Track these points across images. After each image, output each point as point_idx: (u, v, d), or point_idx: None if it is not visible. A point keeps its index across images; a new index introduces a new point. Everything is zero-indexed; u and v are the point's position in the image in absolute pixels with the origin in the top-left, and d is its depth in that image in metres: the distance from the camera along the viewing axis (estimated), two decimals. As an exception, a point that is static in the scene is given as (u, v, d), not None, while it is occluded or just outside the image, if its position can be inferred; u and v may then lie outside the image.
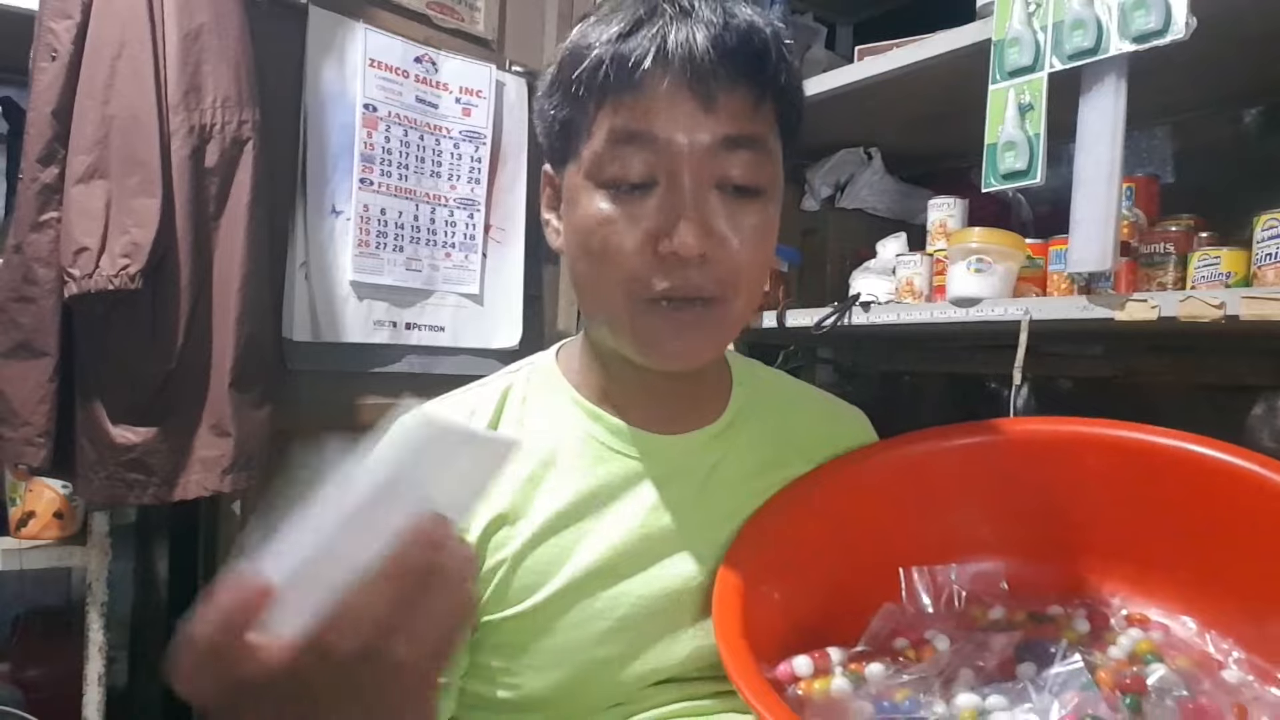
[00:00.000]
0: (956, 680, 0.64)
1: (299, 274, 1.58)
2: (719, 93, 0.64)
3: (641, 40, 0.64)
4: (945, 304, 1.30)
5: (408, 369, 1.73)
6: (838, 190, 1.80)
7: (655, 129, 0.64)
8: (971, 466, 0.80)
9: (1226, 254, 1.09)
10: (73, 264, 1.24)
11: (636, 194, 0.66)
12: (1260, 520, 0.66)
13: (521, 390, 0.80)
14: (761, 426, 0.81)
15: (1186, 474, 0.71)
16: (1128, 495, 0.75)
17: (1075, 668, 0.61)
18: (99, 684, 1.38)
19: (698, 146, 0.65)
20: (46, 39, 1.27)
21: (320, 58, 1.59)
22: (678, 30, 0.63)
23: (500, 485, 0.72)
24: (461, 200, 1.79)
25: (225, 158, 1.37)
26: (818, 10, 1.96)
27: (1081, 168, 1.08)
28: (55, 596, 1.74)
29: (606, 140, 0.66)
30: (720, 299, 0.68)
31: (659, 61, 0.63)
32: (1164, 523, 0.73)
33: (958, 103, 1.37)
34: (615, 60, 0.64)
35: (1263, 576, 0.65)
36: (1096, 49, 1.06)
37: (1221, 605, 0.66)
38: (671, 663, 0.71)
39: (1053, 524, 0.78)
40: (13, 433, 1.28)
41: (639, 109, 0.64)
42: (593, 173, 0.67)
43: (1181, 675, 0.60)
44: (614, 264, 0.67)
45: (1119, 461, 0.76)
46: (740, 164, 0.66)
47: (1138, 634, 0.67)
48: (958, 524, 0.79)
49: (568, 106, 0.68)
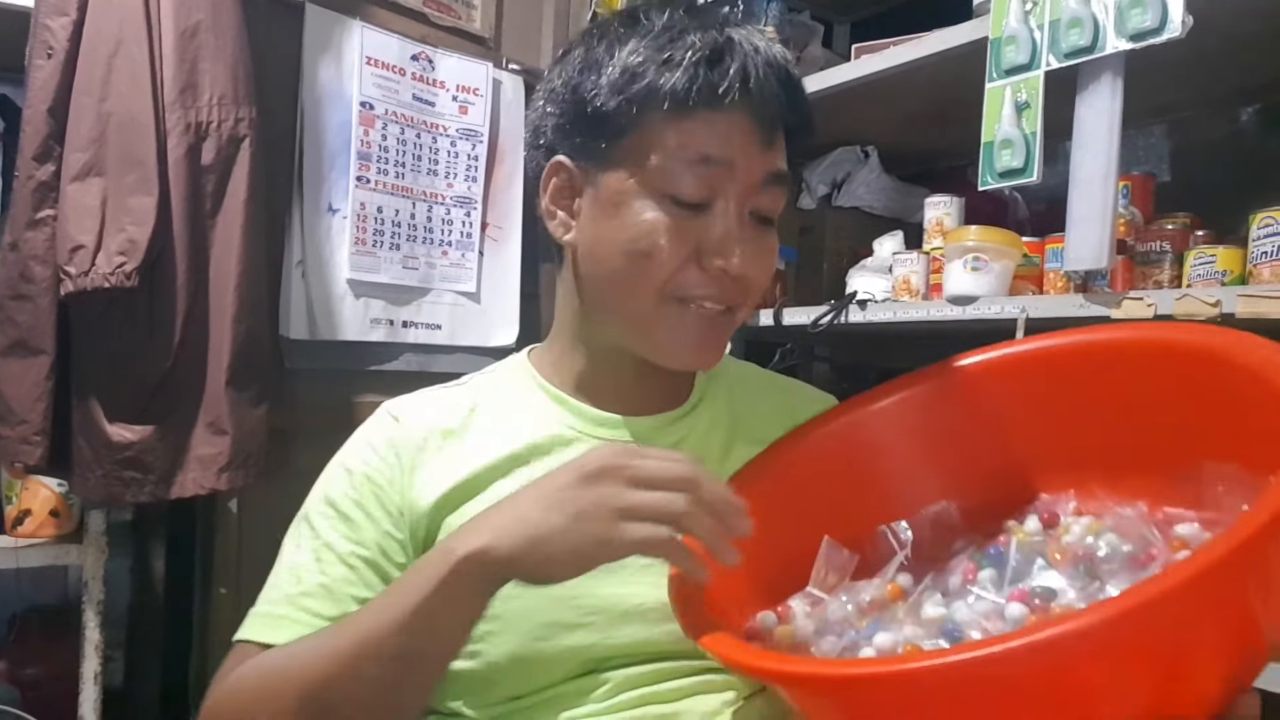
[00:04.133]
0: (923, 603, 0.64)
1: (296, 272, 1.58)
2: (776, 133, 0.73)
3: (729, 70, 0.69)
4: (942, 302, 1.31)
5: (404, 367, 1.73)
6: (834, 188, 1.81)
7: (727, 156, 0.70)
8: (899, 421, 0.82)
9: (1222, 252, 1.10)
10: (69, 262, 1.24)
11: (688, 209, 0.71)
12: (1177, 382, 0.67)
13: (493, 386, 0.84)
14: (723, 410, 0.85)
15: (1096, 365, 0.73)
16: (1049, 405, 0.76)
17: (1027, 554, 0.62)
18: (95, 682, 1.38)
19: (753, 179, 0.72)
20: (43, 36, 1.27)
21: (317, 55, 1.59)
22: (757, 68, 0.70)
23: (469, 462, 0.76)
24: (458, 198, 1.79)
25: (222, 155, 1.37)
26: (815, 8, 1.95)
27: (1078, 166, 1.09)
28: (52, 595, 1.74)
29: (678, 156, 0.70)
30: (735, 310, 0.76)
31: (744, 95, 0.69)
32: (1096, 418, 0.73)
33: (954, 101, 1.37)
34: (706, 84, 0.68)
35: (1192, 437, 0.65)
36: (1093, 47, 1.07)
37: (1170, 481, 0.66)
38: (634, 636, 0.71)
39: (992, 454, 0.79)
40: (9, 431, 1.27)
41: (715, 135, 0.70)
42: (652, 182, 0.71)
43: (1131, 539, 0.61)
44: (657, 267, 0.71)
45: (1031, 375, 0.78)
46: (773, 197, 0.75)
47: (1088, 519, 0.67)
48: (903, 479, 0.81)
49: (634, 112, 0.70)
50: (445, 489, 0.74)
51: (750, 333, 1.61)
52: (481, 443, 0.77)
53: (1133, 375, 0.71)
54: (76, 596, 1.42)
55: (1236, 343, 0.63)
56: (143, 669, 1.77)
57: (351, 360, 1.67)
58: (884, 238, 1.58)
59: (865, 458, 0.82)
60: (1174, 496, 0.64)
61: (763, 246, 0.75)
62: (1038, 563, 0.62)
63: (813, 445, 0.83)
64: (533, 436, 0.78)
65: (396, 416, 0.79)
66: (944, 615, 0.60)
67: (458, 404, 0.81)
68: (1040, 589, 0.59)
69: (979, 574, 0.65)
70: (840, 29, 2.09)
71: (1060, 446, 0.76)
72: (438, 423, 0.78)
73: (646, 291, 0.72)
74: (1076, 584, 0.59)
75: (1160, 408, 0.69)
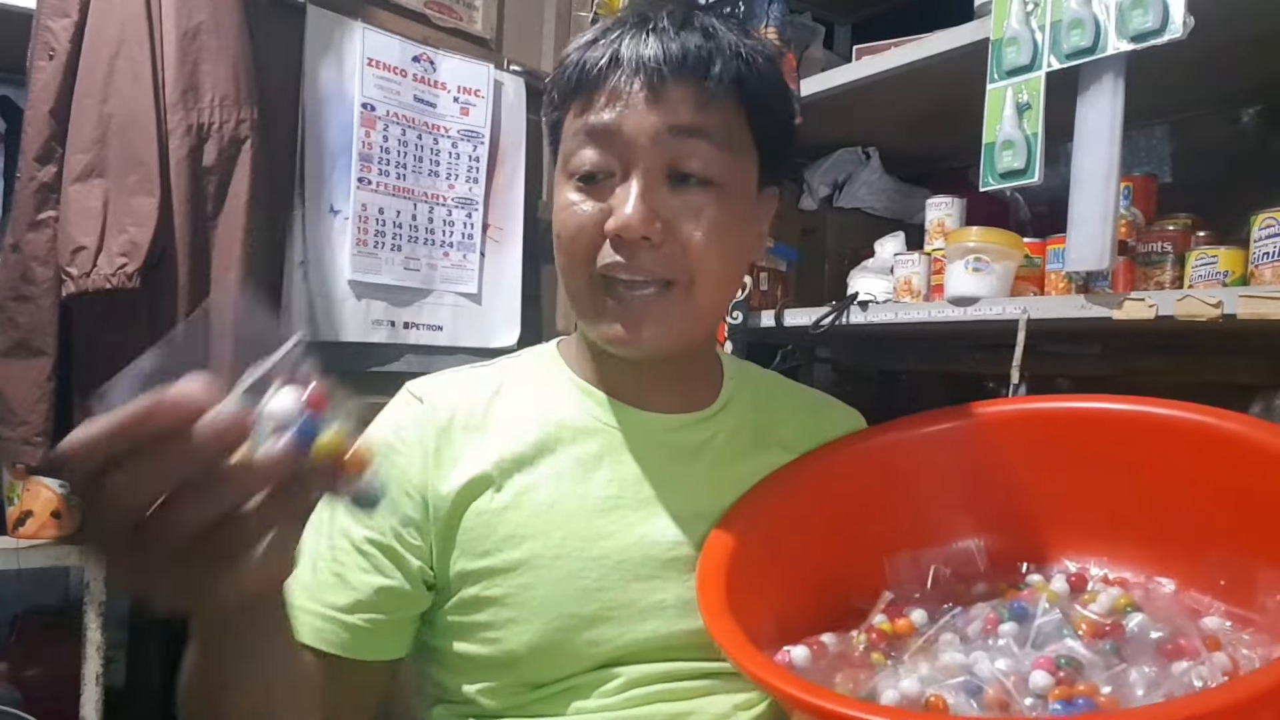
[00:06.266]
0: (939, 645, 0.64)
1: (297, 273, 1.58)
2: (667, 88, 0.70)
3: (600, 47, 0.72)
4: (943, 303, 1.30)
5: (406, 368, 1.73)
6: (836, 189, 1.81)
7: (609, 122, 0.70)
8: (939, 452, 0.82)
9: (1224, 253, 1.09)
10: (70, 263, 1.24)
11: (599, 184, 0.72)
12: (1224, 472, 0.67)
13: (521, 371, 0.84)
14: (749, 415, 0.85)
15: (1149, 437, 0.73)
16: (1095, 466, 0.76)
17: (1055, 619, 0.62)
18: (97, 683, 1.38)
19: (645, 134, 0.70)
20: (44, 38, 1.27)
21: (318, 57, 1.59)
22: (633, 38, 0.71)
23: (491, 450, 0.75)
24: (460, 199, 1.79)
25: (223, 157, 1.37)
26: (816, 10, 1.96)
27: (1079, 167, 1.09)
28: (53, 596, 1.74)
29: (573, 136, 0.73)
30: (676, 284, 0.71)
31: (613, 64, 0.71)
32: (1135, 488, 0.73)
33: (956, 102, 1.37)
34: (579, 66, 0.72)
35: (1235, 529, 0.65)
36: (1094, 48, 1.06)
37: (1198, 563, 0.66)
38: (654, 633, 0.72)
39: (1026, 499, 0.79)
40: (10, 432, 1.28)
41: (595, 105, 0.71)
42: (564, 166, 0.74)
43: (1160, 623, 0.60)
44: (576, 249, 0.73)
45: (1082, 433, 0.77)
46: (693, 153, 0.70)
47: (1117, 591, 0.67)
48: (934, 508, 0.80)
49: (554, 112, 0.77)
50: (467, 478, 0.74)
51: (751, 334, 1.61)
52: (505, 430, 0.77)
53: (1177, 454, 0.71)
54: (78, 598, 1.42)
55: None
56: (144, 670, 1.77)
57: (353, 361, 1.66)
58: (885, 239, 1.58)
59: (901, 482, 0.82)
60: (1200, 578, 0.65)
61: (688, 207, 0.70)
62: (1065, 629, 0.61)
63: (849, 461, 0.83)
64: (558, 425, 0.77)
65: (420, 398, 0.79)
66: (963, 664, 0.60)
67: (482, 387, 0.80)
68: (1067, 660, 0.58)
69: (1001, 626, 0.64)
70: (841, 30, 2.09)
71: (1096, 507, 0.75)
72: (461, 406, 0.78)
73: (577, 276, 0.74)
74: (1100, 660, 0.58)
75: (1202, 492, 0.69)
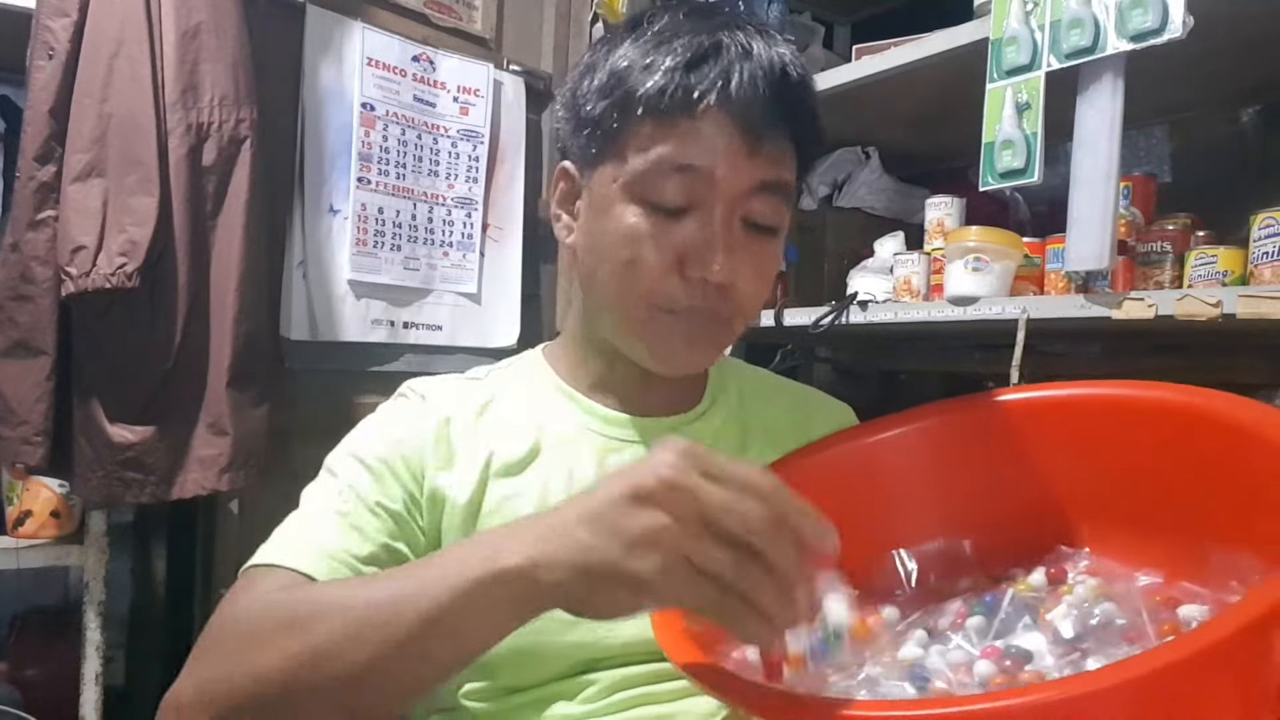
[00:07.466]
0: (906, 640, 0.62)
1: (297, 273, 1.58)
2: (765, 141, 0.69)
3: (708, 75, 0.67)
4: (943, 303, 1.30)
5: (405, 368, 1.73)
6: (835, 189, 1.81)
7: (705, 163, 0.68)
8: (933, 446, 0.81)
9: (1223, 253, 1.09)
10: (70, 262, 1.24)
11: (669, 215, 0.70)
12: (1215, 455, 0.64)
13: (510, 381, 0.84)
14: (735, 413, 0.86)
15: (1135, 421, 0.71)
16: (1082, 455, 0.74)
17: (1018, 610, 0.61)
18: (96, 683, 1.38)
19: (738, 187, 0.70)
20: (44, 37, 1.27)
21: (318, 56, 1.59)
22: (740, 72, 0.67)
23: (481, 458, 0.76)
24: (459, 199, 1.79)
25: (223, 156, 1.37)
26: (815, 9, 1.96)
27: (1079, 166, 1.09)
28: (52, 596, 1.74)
29: (655, 162, 0.69)
30: (729, 319, 0.75)
31: (722, 101, 0.67)
32: (1125, 476, 0.71)
33: (955, 102, 1.37)
34: (681, 89, 0.67)
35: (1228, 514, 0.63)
36: (1094, 48, 1.07)
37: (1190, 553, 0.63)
38: (635, 635, 0.71)
39: (1018, 495, 0.77)
40: (10, 431, 1.28)
41: (693, 141, 0.68)
42: (633, 188, 0.70)
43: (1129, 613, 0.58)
44: (640, 276, 0.71)
45: (1067, 421, 0.75)
46: (767, 206, 0.72)
47: (1095, 582, 0.65)
48: (927, 505, 0.79)
49: (616, 116, 0.71)
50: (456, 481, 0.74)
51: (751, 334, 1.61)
52: (494, 439, 0.77)
53: (1172, 437, 0.68)
54: (77, 597, 1.42)
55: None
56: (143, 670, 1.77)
57: (352, 361, 1.67)
58: (885, 238, 1.58)
59: (888, 479, 0.81)
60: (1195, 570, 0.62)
61: (756, 255, 0.72)
62: (1024, 620, 0.60)
63: (835, 459, 0.81)
64: (545, 433, 0.78)
65: (423, 395, 0.79)
66: (918, 658, 0.59)
67: (475, 394, 0.81)
68: (1016, 650, 0.57)
69: (968, 620, 0.64)
70: (841, 30, 2.09)
71: (1087, 499, 0.74)
72: (458, 410, 0.78)
73: (634, 300, 0.72)
74: (1058, 649, 0.57)
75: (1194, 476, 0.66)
